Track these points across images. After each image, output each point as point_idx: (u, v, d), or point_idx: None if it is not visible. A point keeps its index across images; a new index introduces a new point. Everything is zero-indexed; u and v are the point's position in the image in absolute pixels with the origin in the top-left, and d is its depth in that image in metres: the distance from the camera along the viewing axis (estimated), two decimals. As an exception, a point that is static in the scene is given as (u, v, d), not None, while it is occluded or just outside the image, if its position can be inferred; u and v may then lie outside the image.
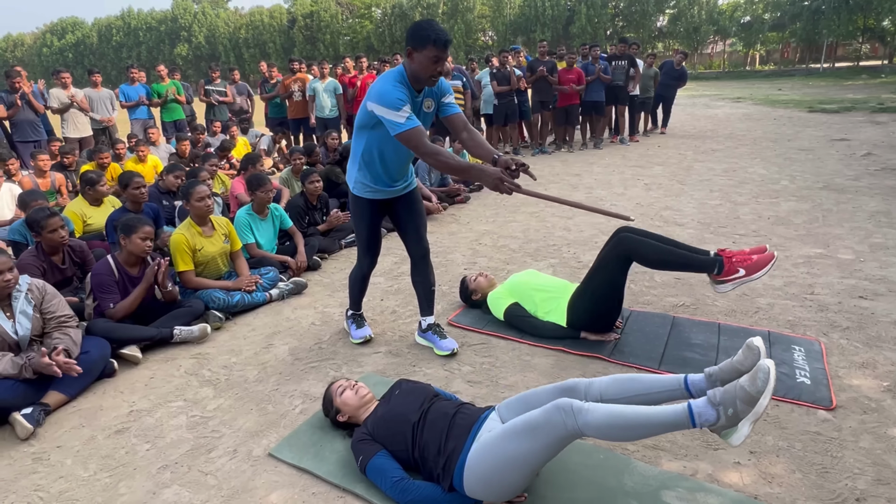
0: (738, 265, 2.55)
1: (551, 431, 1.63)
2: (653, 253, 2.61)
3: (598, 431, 1.60)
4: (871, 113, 11.94)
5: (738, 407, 1.51)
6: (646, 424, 1.58)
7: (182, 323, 3.10)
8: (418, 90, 2.45)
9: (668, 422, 1.57)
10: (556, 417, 1.63)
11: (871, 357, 2.59)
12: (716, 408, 1.54)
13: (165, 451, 2.19)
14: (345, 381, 2.17)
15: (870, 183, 5.93)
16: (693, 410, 1.55)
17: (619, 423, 1.59)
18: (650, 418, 1.58)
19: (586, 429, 1.60)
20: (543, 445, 1.65)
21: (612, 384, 1.83)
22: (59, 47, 57.44)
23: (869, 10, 29.19)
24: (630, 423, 1.58)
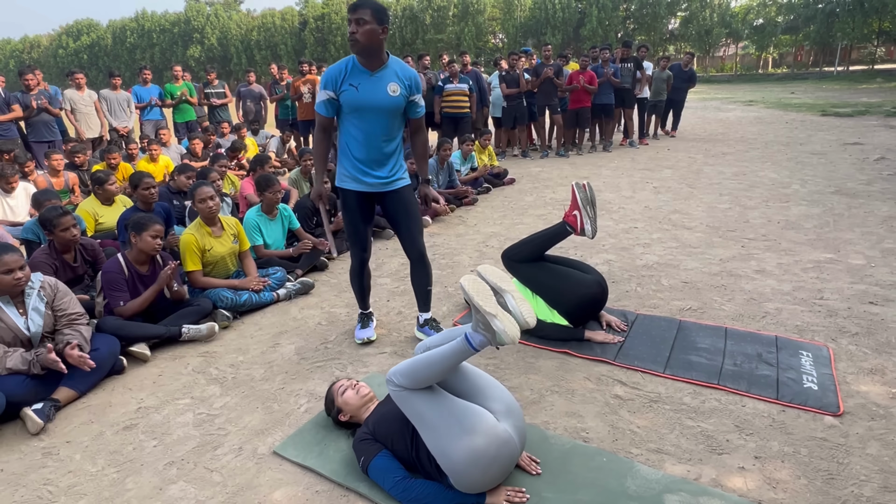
0: (569, 216, 2.94)
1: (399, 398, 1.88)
2: (524, 249, 3.03)
3: (407, 377, 1.83)
4: (886, 117, 11.79)
5: (480, 321, 1.75)
6: (438, 358, 1.81)
7: (190, 321, 3.13)
8: (370, 67, 2.55)
9: (455, 351, 1.80)
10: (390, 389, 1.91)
11: (879, 363, 2.57)
12: (476, 331, 1.78)
13: (172, 448, 2.21)
14: (346, 381, 2.19)
15: (882, 187, 5.86)
16: (468, 337, 1.78)
17: (417, 365, 1.84)
18: (442, 353, 1.82)
19: (394, 377, 1.86)
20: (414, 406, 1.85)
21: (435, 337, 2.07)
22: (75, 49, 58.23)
23: (884, 13, 28.82)
24: (426, 360, 1.83)
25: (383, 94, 2.56)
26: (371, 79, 2.54)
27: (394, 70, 2.60)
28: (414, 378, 1.83)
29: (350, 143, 2.65)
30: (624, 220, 5.16)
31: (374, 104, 2.57)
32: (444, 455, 1.78)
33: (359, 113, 2.58)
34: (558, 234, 3.01)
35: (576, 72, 8.49)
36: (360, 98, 2.55)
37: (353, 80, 2.54)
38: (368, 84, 2.54)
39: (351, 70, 2.55)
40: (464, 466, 1.75)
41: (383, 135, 2.64)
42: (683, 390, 2.44)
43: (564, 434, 2.19)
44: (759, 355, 2.65)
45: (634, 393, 2.44)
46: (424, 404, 1.83)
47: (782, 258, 3.96)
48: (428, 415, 1.82)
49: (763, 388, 2.40)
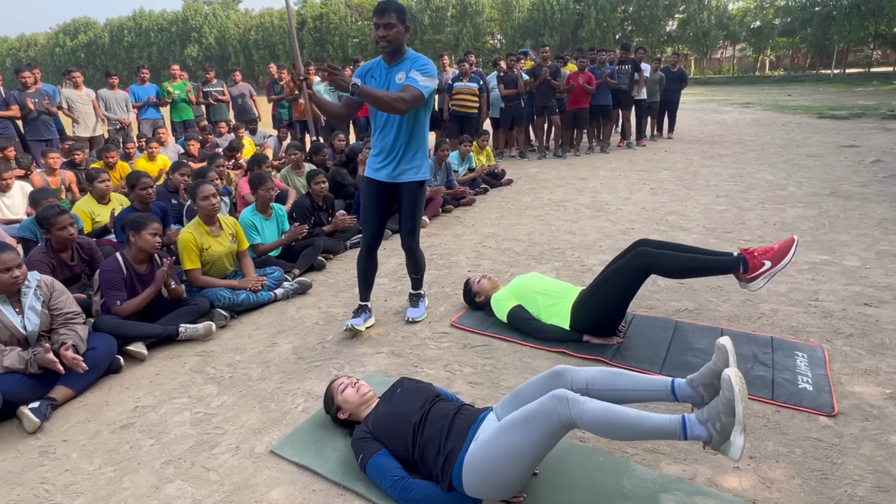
0: (761, 258, 2.53)
1: (546, 421, 1.65)
2: (675, 263, 2.60)
3: (592, 424, 1.62)
4: (882, 119, 11.85)
5: (722, 420, 1.56)
6: (639, 427, 1.61)
7: (188, 321, 3.13)
8: (390, 62, 2.80)
9: (661, 429, 1.60)
10: (550, 406, 1.65)
11: (874, 364, 2.58)
12: (704, 425, 1.59)
13: (169, 447, 2.22)
14: (346, 379, 2.19)
15: (878, 190, 5.89)
16: (686, 424, 1.60)
17: (613, 420, 1.61)
18: (644, 422, 1.61)
19: (580, 420, 1.62)
20: (538, 437, 1.66)
21: (598, 375, 1.86)
22: (72, 47, 58.00)
23: (881, 16, 28.94)
24: (624, 422, 1.61)
25: (391, 83, 2.79)
26: (388, 70, 2.82)
27: (409, 61, 2.80)
28: (601, 430, 1.62)
29: (373, 134, 2.95)
30: (621, 221, 5.18)
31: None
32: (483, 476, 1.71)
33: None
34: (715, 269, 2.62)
35: (574, 73, 8.51)
36: (377, 87, 2.78)
37: (374, 72, 2.85)
38: (383, 75, 2.82)
39: (377, 64, 2.86)
40: (493, 491, 1.74)
41: (392, 127, 2.85)
42: (679, 390, 2.45)
43: (561, 434, 2.20)
44: (754, 356, 2.67)
45: (631, 393, 2.44)
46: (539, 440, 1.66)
47: (778, 260, 3.98)
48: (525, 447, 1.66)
49: (758, 388, 2.41)
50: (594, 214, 5.44)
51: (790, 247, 2.50)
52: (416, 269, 3.23)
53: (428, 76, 2.73)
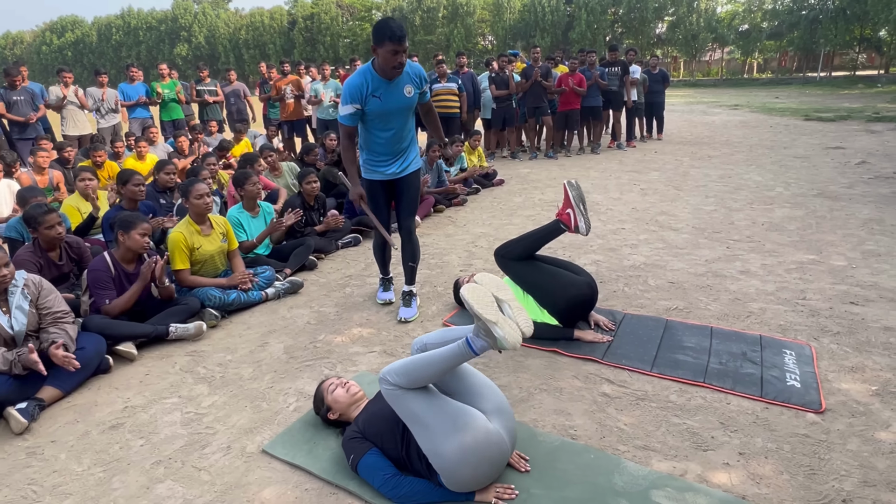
0: (563, 212, 2.98)
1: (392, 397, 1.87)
2: (516, 247, 3.03)
3: (403, 377, 1.83)
4: (867, 122, 12.02)
5: (481, 326, 1.77)
6: (438, 360, 1.82)
7: (178, 320, 3.11)
8: (390, 78, 2.87)
9: (457, 354, 1.81)
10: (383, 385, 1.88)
11: (860, 361, 2.62)
12: (478, 336, 1.79)
13: (159, 447, 2.20)
14: (336, 379, 2.19)
15: (863, 191, 5.98)
16: (469, 342, 1.80)
17: (416, 363, 1.84)
18: (442, 354, 1.83)
19: (389, 375, 1.85)
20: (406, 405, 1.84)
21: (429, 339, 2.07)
22: (59, 45, 57.38)
23: (865, 20, 29.38)
24: (425, 361, 1.83)
25: (401, 96, 2.94)
26: (390, 86, 2.89)
27: (406, 72, 2.92)
28: (410, 378, 1.83)
29: (375, 142, 3.05)
30: (612, 221, 5.21)
31: (396, 107, 2.95)
32: (435, 454, 1.79)
33: (384, 117, 2.95)
34: (551, 233, 3.04)
35: (565, 74, 8.56)
36: (384, 105, 2.91)
37: (375, 92, 2.88)
38: (389, 92, 2.89)
39: (371, 82, 2.86)
40: (455, 465, 1.77)
41: (402, 131, 3.06)
42: (670, 388, 2.47)
43: (553, 431, 2.21)
44: (743, 354, 2.70)
45: (622, 391, 2.47)
46: (417, 403, 1.83)
47: (766, 259, 4.03)
48: (421, 414, 1.82)
49: (747, 385, 2.44)
50: (585, 214, 5.46)
51: (565, 191, 2.96)
52: (413, 257, 3.32)
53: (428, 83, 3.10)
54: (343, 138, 3.03)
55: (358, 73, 2.88)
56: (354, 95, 2.87)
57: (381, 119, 2.95)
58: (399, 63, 2.77)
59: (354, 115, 2.92)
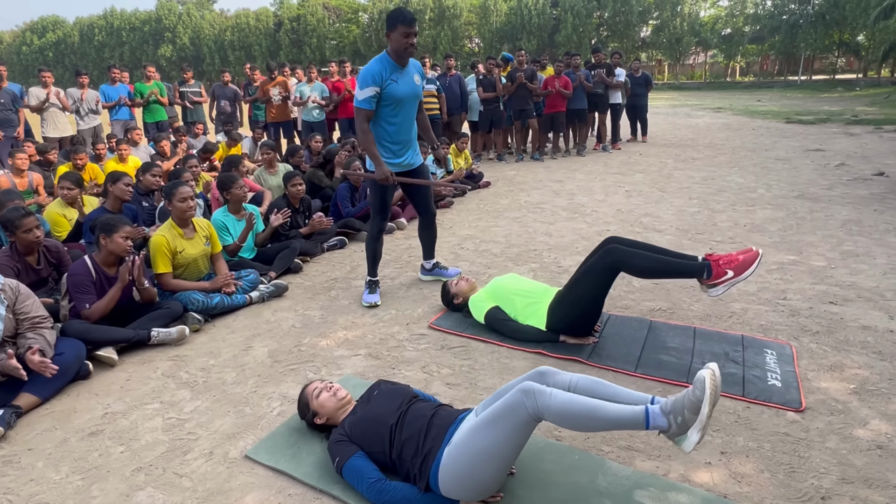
0: (725, 267, 2.57)
1: (514, 415, 1.68)
2: (643, 263, 2.64)
3: (556, 415, 1.64)
4: (846, 125, 12.25)
5: (685, 416, 1.62)
6: (603, 417, 1.64)
7: (160, 325, 3.07)
8: (402, 64, 3.13)
9: (624, 419, 1.64)
10: (517, 399, 1.68)
11: (839, 360, 2.67)
12: (666, 416, 1.64)
13: (140, 454, 2.17)
14: (320, 383, 2.17)
15: (842, 192, 6.09)
16: (649, 413, 1.65)
17: (577, 411, 1.64)
18: (608, 412, 1.65)
19: (545, 411, 1.64)
20: (508, 432, 1.68)
21: (583, 379, 1.88)
22: (40, 46, 56.43)
23: (844, 25, 29.98)
24: (588, 413, 1.64)
25: (412, 83, 3.20)
26: (403, 73, 3.15)
27: (412, 63, 3.23)
28: (567, 422, 1.65)
29: (387, 131, 3.23)
30: (597, 222, 5.25)
31: (410, 93, 3.20)
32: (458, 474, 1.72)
33: (398, 102, 3.16)
34: (681, 272, 2.69)
35: (551, 77, 8.61)
36: (400, 89, 3.13)
37: (392, 76, 3.11)
38: (403, 77, 3.15)
39: (388, 67, 3.10)
40: (470, 492, 1.75)
41: (411, 120, 3.30)
42: (652, 388, 2.49)
43: (537, 433, 2.21)
44: (726, 354, 2.73)
45: (606, 392, 2.48)
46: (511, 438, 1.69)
47: (748, 260, 4.08)
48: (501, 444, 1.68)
49: (730, 385, 2.47)
50: (570, 216, 5.50)
51: (754, 260, 2.55)
52: (436, 234, 3.72)
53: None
54: (361, 122, 3.15)
55: (374, 60, 3.11)
56: (375, 78, 3.06)
57: (394, 105, 3.16)
58: (411, 44, 3.04)
59: (373, 98, 3.10)
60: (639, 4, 36.58)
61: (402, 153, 3.31)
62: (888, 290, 3.45)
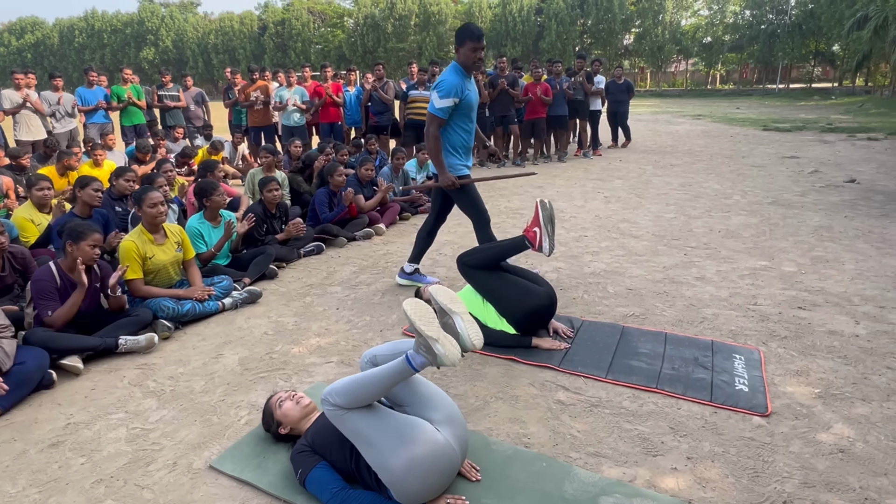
0: (531, 230, 3.02)
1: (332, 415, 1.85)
2: (479, 255, 3.07)
3: (342, 396, 1.81)
4: (821, 132, 12.52)
5: (422, 342, 1.76)
6: (379, 377, 1.81)
7: (128, 332, 3.01)
8: (470, 76, 3.37)
9: (397, 371, 1.80)
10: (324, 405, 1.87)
11: (805, 365, 2.71)
12: (418, 353, 1.79)
13: (101, 465, 2.12)
14: (284, 393, 2.14)
15: (815, 199, 6.21)
16: (409, 358, 1.79)
17: (356, 382, 1.82)
18: (383, 371, 1.82)
19: (331, 396, 1.83)
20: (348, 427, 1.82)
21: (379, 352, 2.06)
22: (18, 47, 55.38)
23: (820, 36, 30.72)
24: (366, 380, 1.81)
25: (476, 93, 3.45)
26: (470, 83, 3.38)
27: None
28: (352, 398, 1.81)
29: (462, 137, 3.43)
30: (575, 228, 5.28)
31: (476, 101, 3.46)
32: (383, 469, 1.77)
33: (469, 110, 3.38)
34: (515, 247, 3.07)
35: (531, 84, 8.67)
36: (472, 98, 3.38)
37: (467, 86, 3.33)
38: (472, 87, 3.38)
39: (463, 78, 3.30)
40: (403, 478, 1.75)
41: (475, 126, 3.52)
42: (623, 394, 2.51)
43: (507, 440, 2.21)
44: (695, 359, 2.75)
45: (576, 398, 2.49)
46: (361, 422, 1.81)
47: (721, 265, 4.14)
48: (365, 431, 1.80)
49: (698, 390, 2.49)
50: (549, 222, 5.52)
51: (536, 210, 2.99)
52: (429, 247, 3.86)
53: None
54: (434, 129, 3.33)
55: (452, 72, 3.27)
56: (457, 89, 3.24)
57: (467, 113, 3.37)
58: (479, 59, 3.25)
59: (451, 107, 3.28)
60: (622, 12, 37.11)
61: (469, 157, 3.54)
62: (855, 296, 3.52)
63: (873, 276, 3.84)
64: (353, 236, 4.94)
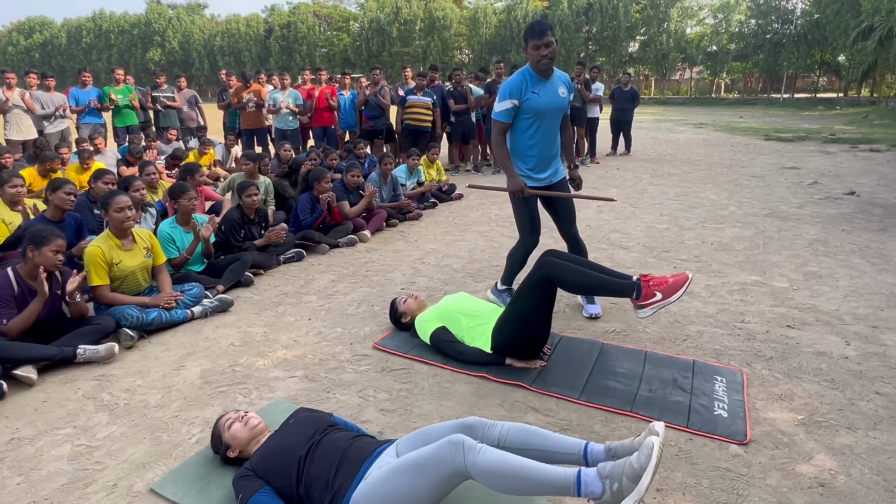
0: (654, 289, 2.44)
1: (439, 467, 1.58)
2: (575, 277, 2.51)
3: (484, 475, 1.55)
4: (823, 143, 12.38)
5: (623, 483, 1.49)
6: (532, 480, 1.53)
7: (89, 341, 2.91)
8: (545, 77, 3.07)
9: (555, 483, 1.53)
10: (445, 452, 1.58)
11: (789, 389, 2.58)
12: (602, 480, 1.51)
13: (38, 486, 2.01)
14: (233, 414, 2.03)
15: (812, 211, 6.08)
16: (581, 479, 1.52)
17: (506, 472, 1.54)
18: (538, 475, 1.54)
19: (473, 469, 1.55)
20: (430, 482, 1.59)
21: (513, 431, 1.76)
22: (26, 47, 55.83)
23: (825, 45, 30.57)
24: (517, 475, 1.53)
25: (556, 96, 3.11)
26: (547, 85, 3.09)
27: (557, 75, 3.13)
28: (494, 482, 1.55)
29: (527, 146, 3.16)
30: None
31: (553, 106, 3.11)
32: None
33: (540, 116, 3.09)
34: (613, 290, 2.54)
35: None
36: (542, 102, 3.07)
37: (534, 89, 3.07)
38: (546, 90, 3.08)
39: (529, 80, 3.07)
40: None
41: (554, 134, 3.18)
42: (595, 417, 2.39)
43: (468, 466, 2.09)
44: (674, 380, 2.63)
45: (546, 420, 2.37)
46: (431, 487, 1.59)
47: (711, 280, 4.02)
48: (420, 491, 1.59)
49: (674, 415, 2.37)
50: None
51: (683, 283, 2.43)
52: (585, 255, 3.39)
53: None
54: (497, 134, 3.18)
55: (516, 73, 3.10)
56: (513, 91, 3.05)
57: (537, 118, 3.09)
58: (543, 56, 2.96)
59: (510, 111, 3.08)
60: (626, 20, 37.07)
61: (541, 172, 3.19)
62: (847, 314, 3.39)
63: (867, 294, 3.71)
64: (336, 243, 4.84)
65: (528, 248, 3.38)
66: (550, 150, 3.18)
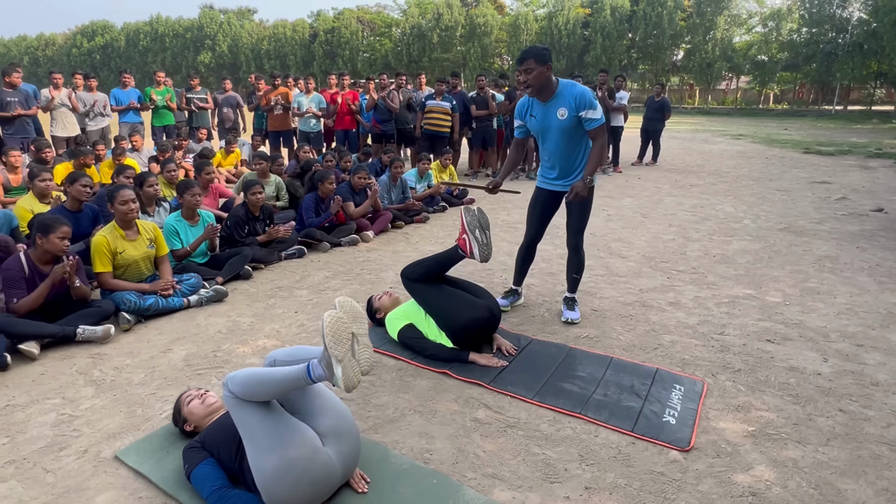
0: (461, 237, 3.05)
1: (229, 403, 1.87)
2: (420, 268, 3.08)
3: (239, 386, 1.83)
4: (866, 157, 11.86)
5: (326, 357, 1.78)
6: (277, 378, 1.83)
7: (90, 322, 3.15)
8: (542, 99, 3.19)
9: (294, 376, 1.81)
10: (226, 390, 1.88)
11: (748, 400, 2.57)
12: (320, 364, 1.80)
13: (20, 447, 2.22)
14: (194, 391, 2.20)
15: (831, 227, 5.89)
16: (310, 367, 1.80)
17: (254, 378, 1.83)
18: (280, 373, 1.83)
19: (230, 383, 1.85)
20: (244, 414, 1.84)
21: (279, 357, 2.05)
22: (88, 49, 59.12)
23: (882, 56, 29.10)
24: (263, 378, 1.83)
25: (554, 119, 3.19)
26: (544, 108, 3.21)
27: (563, 95, 3.14)
28: (247, 390, 1.83)
29: (542, 155, 3.42)
30: (563, 245, 5.13)
31: (547, 128, 3.24)
32: (256, 468, 1.79)
33: (541, 134, 3.31)
34: (451, 258, 3.08)
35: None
36: (538, 124, 3.27)
37: (533, 111, 3.28)
38: (543, 112, 3.22)
39: (531, 103, 3.28)
40: (272, 482, 1.76)
41: (558, 150, 3.28)
42: (544, 417, 2.44)
43: (408, 454, 2.19)
44: (631, 387, 2.66)
45: (495, 417, 2.44)
46: (251, 414, 1.83)
47: (702, 291, 3.98)
48: (252, 424, 1.82)
49: (622, 419, 2.40)
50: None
51: (461, 217, 3.05)
52: (578, 269, 3.53)
53: (595, 108, 3.13)
54: (513, 145, 3.58)
55: (525, 96, 3.32)
56: (519, 112, 3.35)
57: (538, 135, 3.34)
58: (521, 83, 3.13)
59: (521, 128, 3.39)
60: (671, 28, 36.29)
61: (556, 174, 3.39)
62: (834, 332, 3.32)
63: (863, 312, 3.61)
64: (339, 242, 5.01)
65: (526, 242, 3.64)
66: (560, 161, 3.32)
